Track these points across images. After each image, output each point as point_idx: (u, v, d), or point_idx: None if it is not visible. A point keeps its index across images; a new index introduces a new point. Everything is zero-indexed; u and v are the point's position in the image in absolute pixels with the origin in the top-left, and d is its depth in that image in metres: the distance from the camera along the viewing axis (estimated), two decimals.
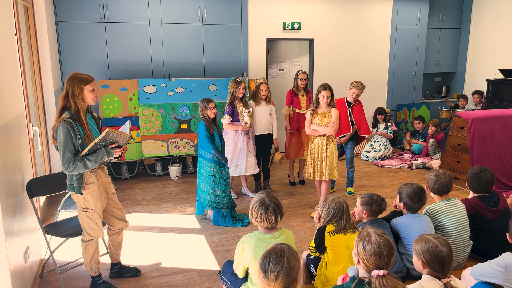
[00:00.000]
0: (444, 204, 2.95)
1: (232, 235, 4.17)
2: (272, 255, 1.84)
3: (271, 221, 2.39)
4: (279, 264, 1.81)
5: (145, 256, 3.73)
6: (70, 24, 5.88)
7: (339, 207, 2.70)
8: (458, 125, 5.66)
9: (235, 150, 5.03)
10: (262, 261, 1.86)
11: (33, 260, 3.27)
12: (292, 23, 6.97)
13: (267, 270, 1.81)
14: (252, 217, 2.45)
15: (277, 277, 1.79)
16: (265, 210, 2.39)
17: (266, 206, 2.40)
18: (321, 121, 4.43)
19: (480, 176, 3.12)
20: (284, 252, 1.86)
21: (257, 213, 2.41)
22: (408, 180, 5.88)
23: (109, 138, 2.84)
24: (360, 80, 7.57)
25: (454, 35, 8.42)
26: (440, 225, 2.90)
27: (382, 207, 2.86)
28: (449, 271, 2.08)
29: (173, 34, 6.36)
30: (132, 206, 4.94)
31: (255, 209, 2.43)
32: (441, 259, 2.05)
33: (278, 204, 2.45)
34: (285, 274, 1.79)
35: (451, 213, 2.90)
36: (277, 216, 2.41)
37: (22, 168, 3.18)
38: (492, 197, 3.11)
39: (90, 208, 2.96)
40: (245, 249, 2.41)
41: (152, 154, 5.94)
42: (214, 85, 6.27)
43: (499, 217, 2.95)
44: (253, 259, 2.34)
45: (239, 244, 2.47)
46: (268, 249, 1.91)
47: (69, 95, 2.83)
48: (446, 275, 2.07)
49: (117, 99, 5.87)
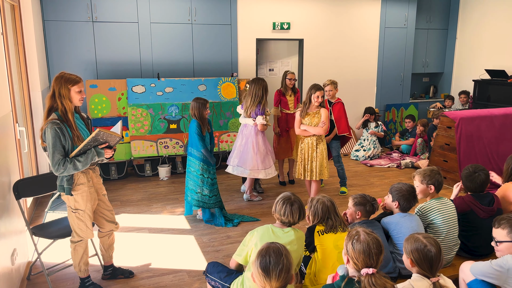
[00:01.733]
0: (435, 202, 2.98)
1: (222, 235, 4.16)
2: (272, 254, 1.87)
3: (294, 217, 2.49)
4: (279, 262, 1.84)
5: (135, 257, 3.70)
6: (57, 23, 5.80)
7: (324, 207, 2.72)
8: (445, 124, 5.73)
9: (266, 153, 4.89)
10: (261, 260, 1.87)
11: (20, 262, 3.23)
12: (281, 23, 6.98)
13: (269, 269, 1.83)
14: (275, 210, 2.54)
15: (279, 275, 1.82)
16: (291, 206, 2.49)
17: (291, 202, 2.50)
18: (311, 121, 4.45)
19: (474, 177, 3.16)
20: (281, 250, 1.90)
21: (282, 207, 2.50)
22: (397, 180, 5.94)
23: (100, 138, 2.81)
24: (349, 80, 7.65)
25: (442, 35, 8.53)
26: (431, 223, 2.94)
27: (374, 207, 2.88)
28: (437, 270, 2.10)
29: (162, 34, 6.32)
30: (121, 207, 4.90)
31: (279, 203, 2.52)
32: (429, 258, 2.07)
33: (302, 204, 2.56)
34: (285, 271, 1.84)
35: (442, 212, 2.94)
36: (300, 214, 2.51)
37: (8, 169, 3.14)
38: (486, 197, 3.15)
39: (80, 209, 2.93)
40: (254, 235, 2.48)
41: (141, 154, 5.90)
42: (204, 85, 6.25)
43: (491, 216, 2.99)
44: (258, 241, 2.39)
45: (250, 232, 2.54)
46: (264, 248, 1.92)
47: (56, 95, 2.79)
48: (434, 274, 2.09)
49: (105, 99, 5.81)
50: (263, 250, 1.91)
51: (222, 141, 6.29)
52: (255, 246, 2.39)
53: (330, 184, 5.74)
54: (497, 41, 7.58)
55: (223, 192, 5.39)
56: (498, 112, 5.76)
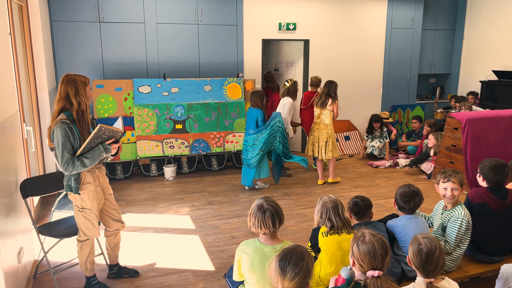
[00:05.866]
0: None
1: (227, 235, 4.17)
2: (293, 256, 1.85)
3: (269, 226, 2.28)
4: (298, 266, 1.83)
5: (140, 257, 3.72)
6: (64, 23, 5.84)
7: (324, 208, 2.68)
8: (452, 126, 5.69)
9: None
10: (282, 257, 1.86)
11: (26, 261, 3.25)
12: (287, 23, 6.98)
13: (285, 269, 1.82)
14: (251, 223, 2.35)
15: (293, 278, 1.81)
16: (263, 214, 2.28)
17: (263, 210, 2.29)
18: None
19: (499, 169, 3.07)
20: (305, 255, 1.87)
21: (254, 218, 2.30)
22: (403, 181, 5.91)
23: (102, 134, 2.83)
24: (355, 81, 7.63)
25: (449, 36, 8.48)
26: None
27: (360, 206, 2.87)
28: (435, 271, 2.03)
29: (168, 34, 6.34)
30: (126, 207, 4.92)
31: (253, 214, 2.33)
32: (421, 256, 2.02)
33: (277, 209, 2.32)
34: (301, 276, 1.82)
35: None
36: (274, 221, 2.28)
37: (15, 168, 3.16)
38: (501, 190, 3.12)
39: (86, 208, 2.95)
40: (242, 258, 2.33)
41: (147, 154, 5.92)
42: (210, 85, 6.26)
43: (503, 209, 2.99)
44: (248, 270, 2.28)
45: (237, 251, 2.38)
46: (289, 248, 1.90)
47: (72, 96, 2.82)
48: (429, 274, 2.03)
49: (112, 99, 5.84)
50: (287, 249, 1.90)
51: (227, 141, 6.30)
52: (251, 270, 2.28)
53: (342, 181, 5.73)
54: (505, 42, 7.53)
55: (228, 192, 5.40)
56: (505, 114, 5.71)
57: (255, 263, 2.28)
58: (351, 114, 7.78)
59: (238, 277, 2.42)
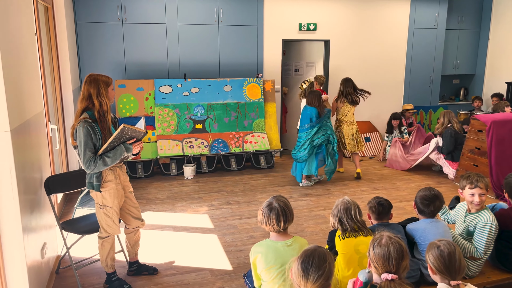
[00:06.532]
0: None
1: (245, 235, 4.18)
2: (316, 258, 1.85)
3: (273, 224, 2.31)
4: (321, 268, 1.83)
5: (159, 255, 3.76)
6: (88, 24, 5.97)
7: (336, 210, 2.65)
8: (476, 128, 5.56)
9: None
10: (304, 259, 1.86)
11: (49, 256, 3.33)
12: (308, 24, 6.95)
13: (308, 272, 1.82)
14: (259, 219, 2.40)
15: (317, 280, 1.81)
16: (269, 212, 2.33)
17: (270, 208, 2.33)
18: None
19: None
20: (326, 257, 1.88)
21: (262, 215, 2.36)
22: (424, 184, 5.81)
23: (125, 134, 2.89)
24: (376, 81, 7.54)
25: (473, 36, 8.28)
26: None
27: (384, 206, 2.82)
28: (458, 273, 1.99)
29: (189, 35, 6.40)
30: (146, 205, 4.99)
31: (261, 210, 2.37)
32: (445, 258, 1.98)
33: (284, 208, 2.34)
34: (324, 278, 1.82)
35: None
36: (279, 220, 2.30)
37: (40, 165, 3.25)
38: None
39: (107, 206, 3.00)
40: (257, 258, 2.35)
41: (167, 153, 5.99)
42: (229, 86, 6.29)
43: None
44: (265, 268, 2.30)
45: (250, 254, 2.41)
46: (310, 249, 1.90)
47: (94, 96, 2.88)
48: (454, 277, 1.99)
49: (133, 98, 5.94)
50: (308, 251, 1.89)
51: (246, 141, 6.31)
52: (267, 267, 2.29)
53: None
54: None
55: (246, 192, 5.42)
56: None
57: (269, 260, 2.29)
58: (372, 116, 7.69)
59: (257, 281, 2.42)
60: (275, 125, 6.57)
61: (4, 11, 2.50)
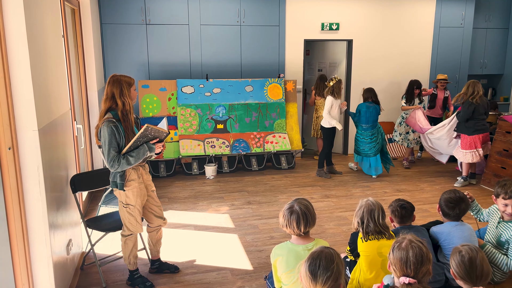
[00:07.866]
0: None
1: (265, 235, 4.18)
2: (322, 259, 1.83)
3: (293, 227, 2.30)
4: (329, 269, 1.80)
5: (180, 253, 3.80)
6: (113, 26, 6.09)
7: (359, 211, 2.60)
8: (504, 129, 5.40)
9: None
10: (311, 262, 1.84)
11: (75, 253, 3.41)
12: (330, 23, 6.89)
13: (316, 274, 1.80)
14: (280, 221, 2.39)
15: (326, 282, 1.79)
16: (289, 215, 2.31)
17: (291, 211, 2.31)
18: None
19: None
20: (334, 257, 1.85)
21: (283, 218, 2.35)
22: (449, 186, 5.67)
23: (148, 133, 2.93)
24: (400, 82, 7.41)
25: (502, 35, 8.04)
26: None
27: (406, 209, 2.77)
28: (480, 280, 1.95)
29: (212, 35, 6.45)
30: (168, 204, 5.05)
31: (283, 214, 2.36)
32: (466, 263, 1.94)
33: (305, 211, 2.31)
34: (333, 279, 1.80)
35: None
36: (299, 223, 2.29)
37: (66, 164, 3.33)
38: None
39: (130, 204, 3.05)
40: (278, 261, 2.35)
41: (189, 153, 6.05)
42: (251, 86, 6.30)
43: None
44: (285, 271, 2.29)
45: (271, 257, 2.41)
46: (317, 251, 1.88)
47: (117, 96, 2.94)
48: (476, 283, 1.95)
49: (156, 99, 6.02)
50: (315, 253, 1.87)
51: (267, 141, 6.31)
52: (288, 271, 2.30)
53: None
54: None
55: (266, 193, 5.41)
56: None
57: (290, 264, 2.28)
58: (396, 116, 7.56)
59: (277, 283, 2.42)
60: (296, 126, 6.54)
61: (33, 15, 2.57)
